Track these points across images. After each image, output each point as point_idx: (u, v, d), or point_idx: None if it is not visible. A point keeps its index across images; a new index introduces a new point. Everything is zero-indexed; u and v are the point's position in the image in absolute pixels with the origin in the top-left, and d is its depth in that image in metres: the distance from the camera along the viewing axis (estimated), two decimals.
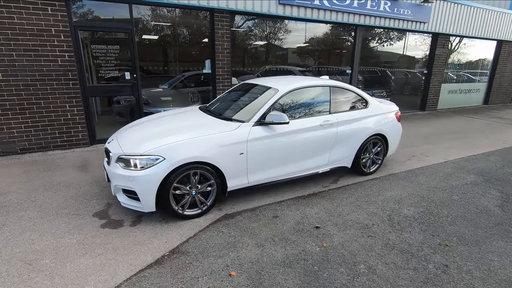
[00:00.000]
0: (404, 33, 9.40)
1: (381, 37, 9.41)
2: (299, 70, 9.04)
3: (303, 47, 8.32)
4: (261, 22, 7.16)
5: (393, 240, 2.75)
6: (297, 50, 8.37)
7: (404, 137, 6.53)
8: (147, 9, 5.65)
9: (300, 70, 8.97)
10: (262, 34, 7.36)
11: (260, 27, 7.20)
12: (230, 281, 2.21)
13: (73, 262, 2.41)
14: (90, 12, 5.23)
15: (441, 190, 3.85)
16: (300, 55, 8.68)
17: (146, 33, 5.97)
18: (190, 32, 6.37)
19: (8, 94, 4.74)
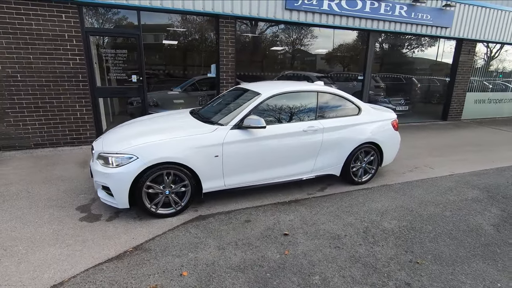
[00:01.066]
0: (436, 39, 8.98)
1: (410, 43, 9.08)
2: (316, 76, 8.98)
3: (321, 53, 8.26)
4: (281, 29, 7.21)
5: (361, 253, 2.62)
6: (314, 56, 8.33)
7: (413, 147, 6.20)
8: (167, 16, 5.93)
9: (317, 76, 8.92)
10: (281, 39, 7.40)
11: (278, 33, 7.26)
12: (179, 281, 2.23)
13: (43, 250, 2.57)
14: (101, 18, 5.59)
15: (434, 205, 3.61)
16: (318, 60, 8.64)
17: (166, 39, 6.28)
18: (203, 37, 6.57)
19: (24, 93, 5.17)
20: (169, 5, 5.58)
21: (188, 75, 6.94)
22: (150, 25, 6.01)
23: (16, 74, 5.06)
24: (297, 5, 6.44)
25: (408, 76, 10.21)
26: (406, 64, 9.70)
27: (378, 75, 10.01)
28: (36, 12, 4.93)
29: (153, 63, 6.49)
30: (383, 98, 9.78)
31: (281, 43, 7.50)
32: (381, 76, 9.85)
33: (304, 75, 8.69)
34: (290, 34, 7.50)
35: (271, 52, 7.62)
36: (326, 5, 6.71)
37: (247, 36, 7.10)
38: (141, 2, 5.40)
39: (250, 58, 7.45)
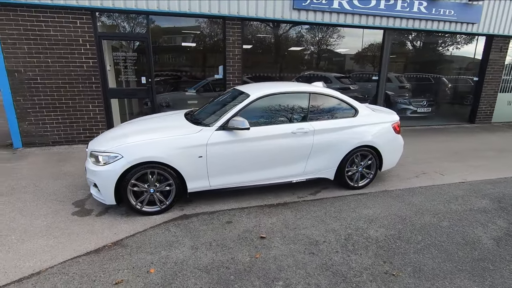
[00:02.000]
0: (473, 37, 8.42)
1: (438, 41, 8.59)
2: (334, 76, 8.80)
3: (340, 53, 8.10)
4: (297, 29, 7.17)
5: (335, 261, 2.51)
6: (333, 56, 8.19)
7: (427, 151, 5.84)
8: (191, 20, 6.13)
9: (336, 77, 8.73)
10: (297, 40, 7.35)
11: (293, 33, 7.22)
12: (144, 278, 2.29)
13: (32, 241, 2.76)
14: (112, 23, 5.89)
15: (432, 214, 3.37)
16: (337, 61, 8.48)
17: (178, 42, 6.52)
18: (212, 39, 6.70)
19: (44, 94, 5.59)
20: (176, 9, 5.74)
21: (202, 77, 7.08)
22: (163, 28, 6.24)
23: (36, 76, 5.48)
24: (305, 5, 6.33)
25: (437, 76, 9.66)
26: (434, 63, 9.18)
27: (403, 75, 9.59)
28: (53, 19, 5.31)
29: (167, 65, 6.71)
30: (403, 100, 9.32)
31: (298, 43, 7.43)
32: (408, 76, 9.42)
33: (323, 75, 8.56)
34: (306, 35, 7.41)
35: (289, 53, 7.57)
36: (336, 3, 6.53)
37: (262, 37, 7.11)
38: (149, 7, 5.61)
39: (266, 59, 7.46)
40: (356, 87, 8.91)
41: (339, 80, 9.04)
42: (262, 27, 6.97)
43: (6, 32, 5.18)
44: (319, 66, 8.25)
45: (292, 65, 7.73)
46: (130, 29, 5.98)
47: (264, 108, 3.60)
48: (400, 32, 7.93)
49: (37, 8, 5.20)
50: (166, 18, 6.09)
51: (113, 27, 5.94)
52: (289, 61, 7.72)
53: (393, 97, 9.42)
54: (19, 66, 5.36)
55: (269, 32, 7.11)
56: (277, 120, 3.58)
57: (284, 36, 7.33)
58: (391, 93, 9.53)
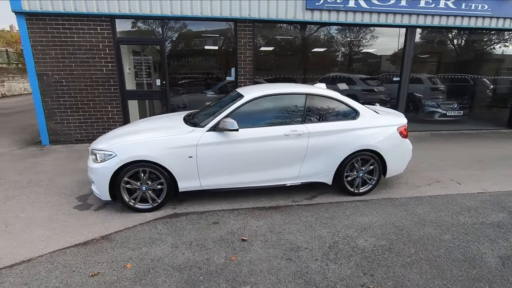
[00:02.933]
0: None
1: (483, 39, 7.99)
2: (360, 78, 8.54)
3: (363, 53, 7.84)
4: (317, 30, 7.08)
5: (311, 268, 2.41)
6: (358, 57, 7.95)
7: (448, 158, 5.40)
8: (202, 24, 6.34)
9: (361, 78, 8.47)
10: (317, 41, 7.25)
11: (311, 34, 7.14)
12: (119, 272, 2.38)
13: (32, 231, 2.99)
14: (130, 29, 6.21)
15: (434, 226, 3.10)
16: (361, 62, 8.23)
17: (201, 45, 6.75)
18: (227, 41, 6.81)
19: (68, 96, 6.05)
20: (189, 13, 5.91)
21: (218, 78, 7.22)
22: (179, 33, 6.47)
23: (61, 80, 5.95)
24: (318, 5, 6.19)
25: (477, 77, 8.94)
26: (473, 63, 8.54)
27: (437, 76, 9.01)
28: (77, 26, 5.74)
29: (186, 67, 6.94)
30: (430, 102, 8.73)
31: (318, 44, 7.30)
32: (443, 77, 8.83)
33: (347, 77, 8.33)
34: (326, 35, 7.26)
35: (311, 54, 7.45)
36: (352, 2, 6.30)
37: (281, 39, 7.09)
38: (163, 12, 5.83)
39: (286, 61, 7.42)
40: (382, 88, 8.53)
41: (364, 82, 8.72)
42: (281, 29, 6.93)
43: (37, 39, 5.69)
44: (341, 67, 8.00)
45: (313, 67, 7.59)
46: (146, 34, 6.27)
47: (258, 110, 3.57)
48: (433, 30, 7.42)
49: (63, 17, 5.65)
50: (181, 22, 6.30)
51: (130, 32, 6.27)
52: (310, 62, 7.60)
53: (420, 99, 8.88)
54: (47, 70, 5.85)
55: (288, 33, 7.05)
56: (270, 122, 3.53)
57: (303, 37, 7.23)
58: (419, 95, 8.99)
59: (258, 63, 7.01)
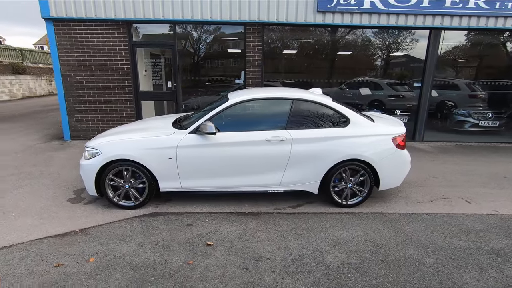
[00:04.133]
0: None
1: None
2: (387, 83, 8.16)
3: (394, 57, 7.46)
4: (338, 33, 6.91)
5: (264, 281, 2.31)
6: (382, 60, 7.59)
7: (466, 173, 4.90)
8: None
9: (389, 83, 8.08)
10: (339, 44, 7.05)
11: (332, 37, 6.97)
12: (81, 265, 2.48)
13: (24, 219, 3.24)
14: (144, 32, 6.52)
15: (419, 247, 2.82)
16: (389, 66, 7.82)
17: (220, 48, 6.94)
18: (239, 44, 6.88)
19: (87, 95, 6.50)
20: (199, 17, 6.06)
21: (232, 81, 7.30)
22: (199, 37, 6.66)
23: (82, 80, 6.42)
24: (330, 7, 5.98)
25: None
26: None
27: (477, 82, 8.27)
28: (97, 30, 6.15)
29: (200, 70, 7.12)
30: (461, 111, 8.00)
31: (338, 48, 7.08)
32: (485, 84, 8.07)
33: (373, 81, 7.99)
34: (345, 39, 7.01)
35: (327, 58, 7.25)
36: (368, 3, 6.00)
37: (295, 42, 7.00)
38: (175, 16, 6.04)
39: (303, 64, 7.26)
40: (412, 94, 8.00)
41: (391, 87, 8.27)
42: (300, 32, 6.80)
43: (62, 43, 6.20)
44: (362, 71, 7.63)
45: (336, 71, 7.33)
46: (159, 38, 6.54)
47: (242, 114, 3.55)
48: (471, 33, 6.80)
49: (85, 22, 6.10)
50: (194, 26, 6.47)
51: (144, 36, 6.58)
52: (333, 67, 7.35)
53: (449, 107, 8.19)
54: (70, 71, 6.35)
55: (307, 36, 6.91)
56: (253, 127, 3.48)
57: (322, 41, 7.04)
58: (450, 102, 8.29)
59: (275, 66, 6.97)
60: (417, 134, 7.07)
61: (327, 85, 7.22)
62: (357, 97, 7.62)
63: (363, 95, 7.90)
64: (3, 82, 14.40)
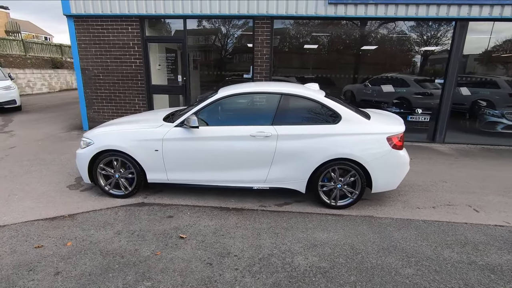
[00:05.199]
0: None
1: None
2: (415, 79, 7.70)
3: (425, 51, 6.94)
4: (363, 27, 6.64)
5: (223, 277, 2.27)
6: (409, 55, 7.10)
7: (484, 179, 4.46)
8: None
9: (417, 80, 7.62)
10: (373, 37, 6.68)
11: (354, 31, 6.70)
12: (58, 248, 2.62)
13: (24, 202, 3.49)
14: (156, 27, 6.67)
15: (402, 256, 2.61)
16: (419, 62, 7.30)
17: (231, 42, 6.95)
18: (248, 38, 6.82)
19: (104, 88, 6.83)
20: (208, 11, 6.08)
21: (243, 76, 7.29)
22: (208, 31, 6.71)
23: (99, 74, 6.75)
24: None
25: None
26: None
27: None
28: (112, 26, 6.42)
29: (213, 64, 7.20)
30: (494, 111, 7.28)
31: (356, 42, 6.74)
32: None
33: (400, 78, 7.56)
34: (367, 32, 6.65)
35: (345, 52, 6.88)
36: None
37: (315, 36, 6.79)
38: (184, 11, 6.11)
39: (319, 60, 6.99)
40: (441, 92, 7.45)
41: (419, 84, 7.76)
42: (309, 26, 6.58)
43: (81, 39, 6.56)
44: (383, 67, 7.14)
45: (360, 67, 6.96)
46: (170, 33, 6.67)
47: (229, 108, 3.51)
48: (463, 24, 6.16)
49: (101, 18, 6.38)
50: (202, 21, 6.51)
51: (157, 31, 6.74)
52: (354, 62, 6.97)
53: (480, 107, 7.48)
54: (88, 65, 6.70)
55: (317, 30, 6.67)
56: (239, 121, 3.42)
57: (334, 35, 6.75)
58: (482, 102, 7.58)
59: (289, 61, 6.83)
60: (438, 135, 6.55)
61: (348, 82, 6.89)
62: (379, 94, 7.19)
63: (385, 92, 7.47)
64: (44, 76, 15.63)
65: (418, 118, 7.15)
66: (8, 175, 4.28)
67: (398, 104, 7.54)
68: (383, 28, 6.53)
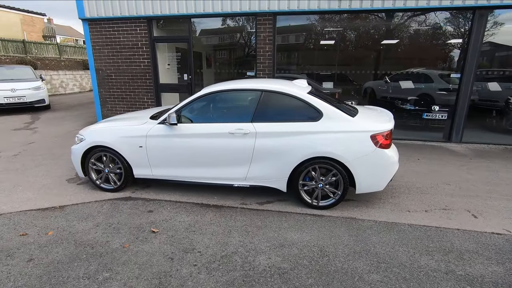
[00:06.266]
0: None
1: None
2: (439, 74, 7.28)
3: None
4: None
5: (179, 272, 2.29)
6: None
7: (496, 183, 4.09)
8: None
9: (442, 75, 7.19)
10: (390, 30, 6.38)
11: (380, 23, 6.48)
12: (39, 237, 2.80)
13: (25, 193, 3.77)
14: (163, 28, 6.86)
15: (371, 261, 2.46)
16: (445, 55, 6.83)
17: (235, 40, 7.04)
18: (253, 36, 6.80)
19: (116, 87, 7.18)
20: (210, 10, 6.14)
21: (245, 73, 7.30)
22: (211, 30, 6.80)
23: (112, 74, 7.09)
24: None
25: None
26: None
27: None
28: (122, 28, 6.71)
29: (219, 62, 7.29)
30: None
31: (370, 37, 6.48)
32: None
33: (422, 73, 7.18)
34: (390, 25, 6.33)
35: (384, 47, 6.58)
36: None
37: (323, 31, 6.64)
38: (188, 11, 6.23)
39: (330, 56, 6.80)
40: None
41: (443, 79, 7.30)
42: (316, 21, 6.41)
43: (95, 40, 6.93)
44: (408, 62, 6.71)
45: (381, 63, 6.68)
46: (176, 32, 6.83)
47: (213, 106, 3.53)
48: (482, 13, 5.57)
49: (113, 20, 6.70)
50: (205, 20, 6.59)
51: (164, 31, 6.93)
52: (364, 57, 6.69)
53: (508, 104, 6.83)
54: (102, 65, 7.07)
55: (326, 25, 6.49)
56: (219, 119, 3.43)
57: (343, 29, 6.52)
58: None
59: (297, 58, 6.73)
60: (454, 134, 6.08)
61: (367, 78, 6.60)
62: (400, 91, 6.80)
63: (405, 89, 7.06)
64: (75, 77, 16.75)
65: (435, 115, 6.69)
66: (20, 168, 4.65)
67: (417, 101, 7.09)
68: (395, 20, 6.17)
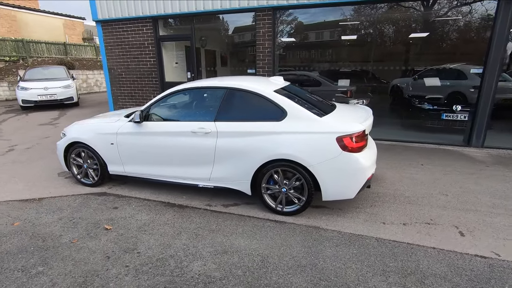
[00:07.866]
0: None
1: None
2: (473, 72, 6.63)
3: None
4: None
5: (110, 273, 2.26)
6: None
7: (505, 195, 3.51)
8: None
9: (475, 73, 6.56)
10: None
11: None
12: (4, 227, 2.97)
13: (18, 184, 4.05)
14: (168, 27, 6.97)
15: (313, 277, 2.22)
16: None
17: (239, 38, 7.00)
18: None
19: (125, 85, 7.48)
20: (210, 7, 6.10)
21: None
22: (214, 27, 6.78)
23: (122, 72, 7.40)
24: None
25: None
26: None
27: None
28: (131, 28, 6.95)
29: (221, 59, 7.28)
30: None
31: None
32: None
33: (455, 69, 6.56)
34: None
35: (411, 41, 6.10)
36: None
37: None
38: (189, 9, 6.25)
39: None
40: (510, 84, 6.14)
41: (478, 76, 6.58)
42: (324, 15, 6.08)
43: (107, 41, 7.28)
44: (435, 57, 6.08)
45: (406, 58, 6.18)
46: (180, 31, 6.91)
47: (178, 104, 3.48)
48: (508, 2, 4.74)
49: (122, 21, 6.97)
50: (207, 18, 6.57)
51: (169, 30, 7.05)
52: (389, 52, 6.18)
53: None
54: (114, 64, 7.41)
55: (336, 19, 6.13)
56: (186, 117, 3.36)
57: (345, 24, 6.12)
58: None
59: (301, 56, 6.47)
60: (474, 137, 5.36)
61: (395, 75, 6.17)
62: (428, 89, 6.20)
63: (428, 86, 6.43)
64: (97, 77, 17.85)
65: (456, 116, 5.97)
66: (25, 161, 5.03)
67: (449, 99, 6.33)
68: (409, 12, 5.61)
